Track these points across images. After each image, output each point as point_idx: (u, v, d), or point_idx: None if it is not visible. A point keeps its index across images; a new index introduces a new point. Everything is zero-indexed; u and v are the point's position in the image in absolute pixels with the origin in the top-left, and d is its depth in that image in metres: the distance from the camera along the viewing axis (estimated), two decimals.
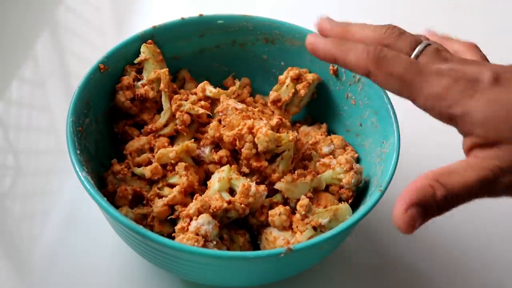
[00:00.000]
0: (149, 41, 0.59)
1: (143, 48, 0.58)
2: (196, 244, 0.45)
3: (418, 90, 0.37)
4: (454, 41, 0.48)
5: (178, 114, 0.55)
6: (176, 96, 0.57)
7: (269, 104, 0.61)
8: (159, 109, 0.57)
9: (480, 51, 0.46)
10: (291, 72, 0.60)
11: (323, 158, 0.55)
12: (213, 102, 0.57)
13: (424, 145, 0.69)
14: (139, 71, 0.58)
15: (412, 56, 0.40)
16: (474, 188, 0.35)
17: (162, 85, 0.56)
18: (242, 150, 0.51)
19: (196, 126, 0.57)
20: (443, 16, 0.95)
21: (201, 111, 0.55)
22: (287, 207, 0.50)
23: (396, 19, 0.95)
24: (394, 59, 0.38)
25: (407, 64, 0.38)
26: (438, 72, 0.38)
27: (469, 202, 0.36)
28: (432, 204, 0.35)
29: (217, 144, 0.55)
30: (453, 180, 0.35)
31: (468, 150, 0.37)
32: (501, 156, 0.35)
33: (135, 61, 0.58)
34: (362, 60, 0.39)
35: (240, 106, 0.54)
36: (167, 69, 0.57)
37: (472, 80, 0.36)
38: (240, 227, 0.52)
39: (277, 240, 0.49)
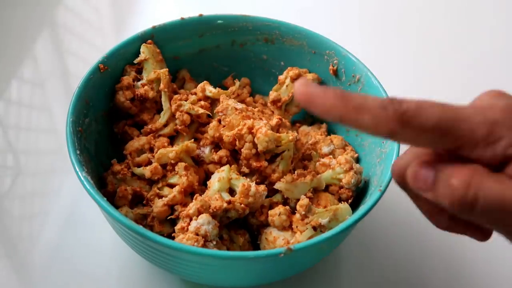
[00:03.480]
0: (149, 41, 0.59)
1: (143, 48, 0.58)
2: (196, 244, 0.45)
3: (464, 135, 0.30)
4: None
5: (178, 114, 0.55)
6: (176, 96, 0.57)
7: (269, 104, 0.61)
8: (159, 109, 0.57)
9: None
10: (291, 72, 0.60)
11: (323, 158, 0.55)
12: (213, 102, 0.57)
13: None
14: (139, 71, 0.58)
15: None
16: None
17: (162, 85, 0.56)
18: (242, 150, 0.51)
19: (196, 126, 0.57)
20: (445, 21, 0.95)
21: (201, 111, 0.55)
22: (287, 207, 0.50)
23: (397, 19, 0.95)
24: (420, 108, 0.30)
25: (440, 109, 0.30)
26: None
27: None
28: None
29: (217, 144, 0.55)
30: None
31: None
32: None
33: (135, 61, 0.58)
34: (381, 119, 0.30)
35: (240, 106, 0.54)
36: (167, 69, 0.57)
37: None
38: (240, 227, 0.52)
39: (277, 240, 0.49)
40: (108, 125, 0.57)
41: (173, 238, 0.48)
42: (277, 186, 0.51)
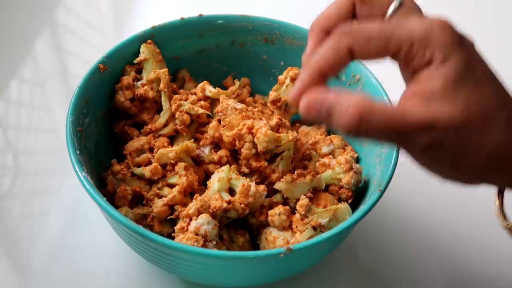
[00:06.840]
0: (149, 41, 0.59)
1: (142, 48, 0.58)
2: (195, 244, 0.45)
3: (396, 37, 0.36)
4: None
5: (177, 114, 0.55)
6: (175, 96, 0.57)
7: (268, 104, 0.61)
8: (159, 109, 0.57)
9: None
10: (291, 72, 0.60)
11: (322, 158, 0.55)
12: (213, 102, 0.57)
13: None
14: (139, 71, 0.58)
15: (389, 14, 0.41)
16: None
17: (161, 85, 0.56)
18: (242, 150, 0.51)
19: (196, 126, 0.57)
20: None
21: (201, 111, 0.55)
22: (287, 207, 0.50)
23: None
24: (366, 25, 0.36)
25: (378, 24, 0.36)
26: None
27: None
28: None
29: (216, 144, 0.55)
30: None
31: None
32: None
33: (135, 61, 0.58)
34: (338, 41, 0.36)
35: (239, 106, 0.54)
36: (167, 69, 0.57)
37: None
38: (240, 227, 0.52)
39: (277, 240, 0.49)
40: (108, 125, 0.57)
41: (173, 238, 0.48)
42: (277, 186, 0.51)
